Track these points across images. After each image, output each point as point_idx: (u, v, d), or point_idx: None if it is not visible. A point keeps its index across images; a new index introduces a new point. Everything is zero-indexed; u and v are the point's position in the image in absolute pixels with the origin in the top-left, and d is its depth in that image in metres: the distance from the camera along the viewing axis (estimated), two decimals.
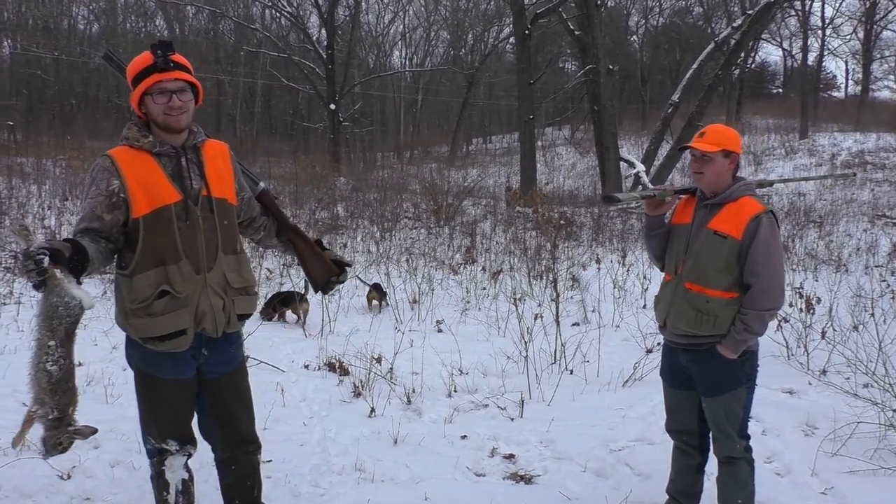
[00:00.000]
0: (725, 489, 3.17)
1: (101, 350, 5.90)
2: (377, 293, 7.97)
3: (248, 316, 2.80)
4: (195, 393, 2.78)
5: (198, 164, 2.63)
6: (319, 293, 3.10)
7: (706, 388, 3.12)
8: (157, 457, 2.76)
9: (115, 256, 2.59)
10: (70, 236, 2.42)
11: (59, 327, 2.24)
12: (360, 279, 8.48)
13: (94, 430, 2.39)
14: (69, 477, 3.66)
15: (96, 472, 3.74)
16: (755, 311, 2.93)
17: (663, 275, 3.30)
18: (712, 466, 3.27)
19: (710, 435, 3.22)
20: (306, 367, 5.76)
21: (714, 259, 3.00)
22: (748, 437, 3.15)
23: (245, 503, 2.99)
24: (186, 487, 2.82)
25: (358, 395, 5.10)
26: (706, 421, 3.20)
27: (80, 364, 5.46)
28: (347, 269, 3.06)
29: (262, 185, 2.94)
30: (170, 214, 2.52)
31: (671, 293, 3.17)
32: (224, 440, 2.86)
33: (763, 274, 2.92)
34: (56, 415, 2.27)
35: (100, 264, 2.46)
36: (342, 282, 3.05)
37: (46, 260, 2.18)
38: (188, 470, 2.84)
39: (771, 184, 4.05)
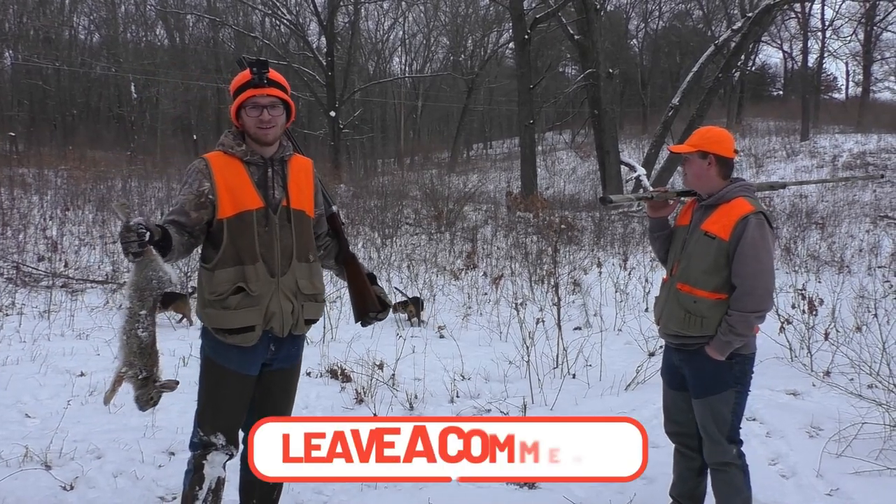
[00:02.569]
0: (720, 497, 3.15)
1: (104, 360, 5.90)
2: (414, 307, 7.78)
3: (314, 321, 2.96)
4: (252, 394, 2.87)
5: (282, 176, 2.82)
6: (359, 323, 3.20)
7: (694, 388, 3.13)
8: (201, 450, 2.82)
9: (196, 250, 2.84)
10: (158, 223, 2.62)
11: (149, 298, 2.53)
12: (398, 290, 8.35)
13: (177, 383, 2.68)
14: (72, 488, 3.65)
15: (99, 483, 3.73)
16: (739, 312, 2.91)
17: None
18: None
19: None
20: (308, 374, 5.75)
21: (703, 260, 3.01)
22: (739, 443, 3.13)
23: (263, 503, 3.02)
24: (219, 487, 2.85)
25: (360, 401, 5.09)
26: None
27: (81, 374, 5.47)
28: (389, 308, 3.18)
29: (334, 207, 3.10)
30: (251, 219, 2.71)
31: (666, 293, 3.20)
32: None
33: (748, 276, 2.90)
34: (144, 374, 2.57)
35: (178, 255, 2.69)
36: (381, 319, 3.16)
37: (148, 234, 2.42)
38: (225, 471, 2.88)
39: (783, 185, 4.05)
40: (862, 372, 5.23)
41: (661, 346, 6.37)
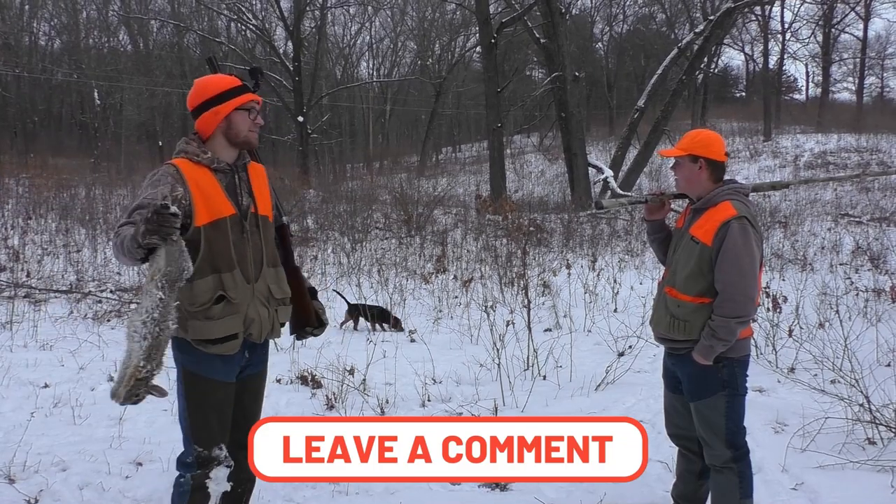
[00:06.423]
0: (713, 498, 3.18)
1: (68, 371, 5.80)
2: (350, 315, 7.82)
3: (284, 324, 2.98)
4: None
5: (247, 182, 2.82)
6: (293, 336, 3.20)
7: (686, 392, 3.15)
8: (201, 469, 2.72)
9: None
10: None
11: (177, 289, 2.42)
12: (338, 293, 8.36)
13: (166, 393, 2.47)
14: (37, 501, 3.58)
15: (64, 496, 3.66)
16: (721, 317, 2.91)
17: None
18: None
19: None
20: (278, 381, 5.70)
21: (687, 264, 3.02)
22: (738, 448, 3.09)
23: None
24: (224, 501, 2.81)
25: (331, 407, 5.07)
26: None
27: (45, 386, 5.37)
28: (325, 326, 3.17)
29: (284, 219, 3.07)
30: (226, 226, 2.68)
31: (657, 297, 3.23)
32: (232, 440, 2.86)
33: (729, 282, 2.91)
34: (152, 372, 2.39)
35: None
36: (316, 335, 3.16)
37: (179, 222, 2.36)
38: (229, 483, 2.81)
39: (786, 185, 4.12)
40: (825, 367, 5.33)
41: (629, 347, 6.45)
